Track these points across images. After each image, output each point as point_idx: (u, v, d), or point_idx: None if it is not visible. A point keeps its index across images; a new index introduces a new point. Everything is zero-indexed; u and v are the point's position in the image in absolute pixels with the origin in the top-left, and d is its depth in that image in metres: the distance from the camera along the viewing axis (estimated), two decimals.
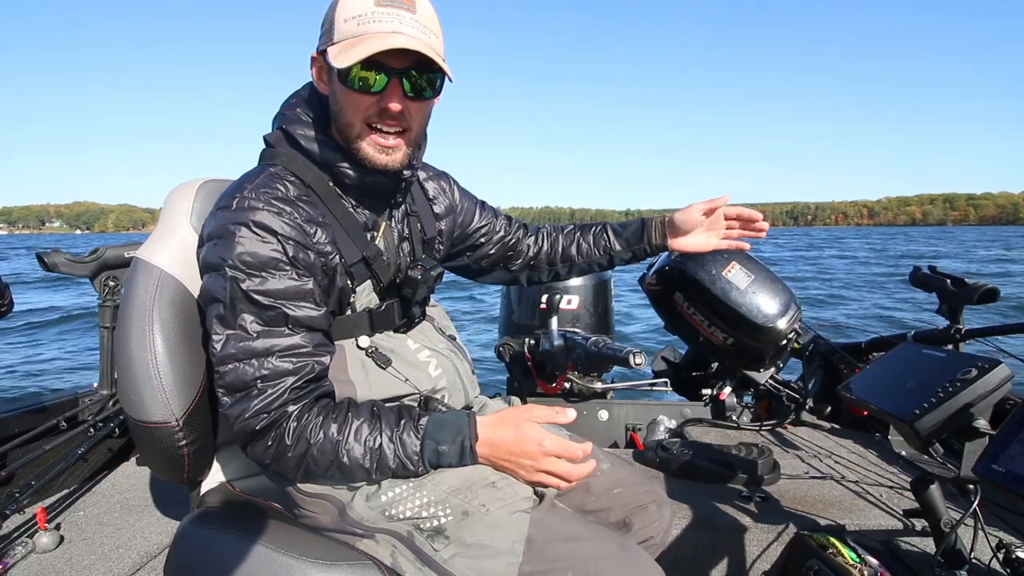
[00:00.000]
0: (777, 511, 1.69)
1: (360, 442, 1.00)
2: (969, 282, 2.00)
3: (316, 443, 0.98)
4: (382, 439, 1.01)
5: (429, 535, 1.01)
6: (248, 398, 0.97)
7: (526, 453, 1.03)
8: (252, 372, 0.97)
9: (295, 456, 0.99)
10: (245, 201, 1.01)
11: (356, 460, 0.99)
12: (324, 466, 1.00)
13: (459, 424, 1.04)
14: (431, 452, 1.01)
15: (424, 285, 1.17)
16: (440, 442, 1.02)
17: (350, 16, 1.01)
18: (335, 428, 1.00)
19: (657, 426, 2.47)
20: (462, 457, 1.02)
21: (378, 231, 1.19)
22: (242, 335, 0.98)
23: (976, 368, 1.07)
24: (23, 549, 1.53)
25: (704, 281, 2.09)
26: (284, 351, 0.99)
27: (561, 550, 0.99)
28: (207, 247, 1.03)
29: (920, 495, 1.21)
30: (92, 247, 2.26)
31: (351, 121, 1.06)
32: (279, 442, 0.98)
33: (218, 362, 0.99)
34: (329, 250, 1.07)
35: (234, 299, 0.98)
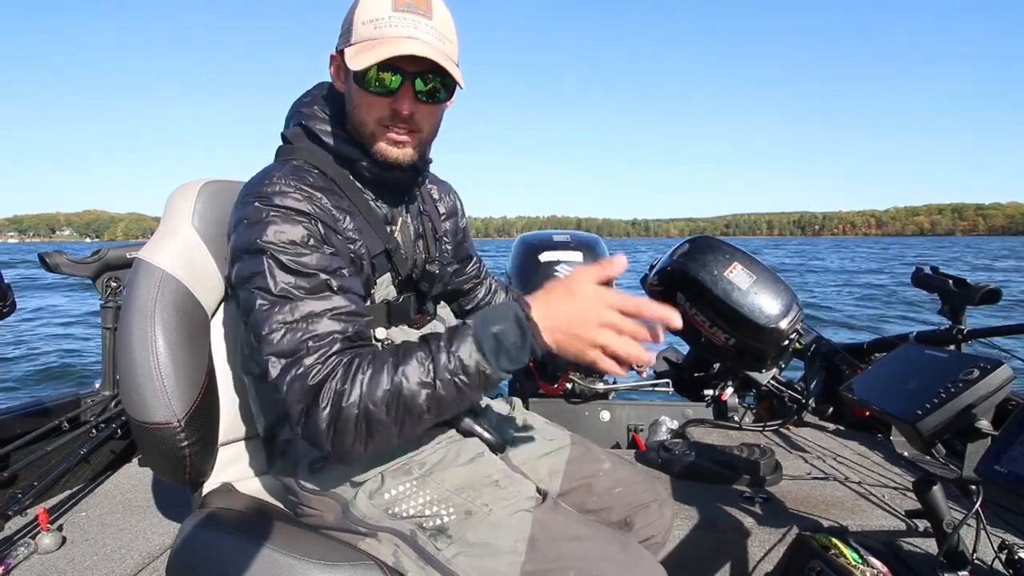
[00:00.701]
0: (779, 512, 1.69)
1: (413, 360, 0.92)
2: (971, 283, 2.00)
3: (367, 379, 0.91)
4: (432, 348, 0.93)
5: (432, 534, 1.02)
6: (299, 360, 0.93)
7: (588, 309, 0.91)
8: (301, 335, 0.94)
9: (352, 404, 0.91)
10: (275, 186, 1.02)
11: (415, 381, 0.91)
12: (383, 404, 0.91)
13: (507, 303, 0.95)
14: (489, 339, 0.91)
15: (440, 280, 1.20)
16: (493, 324, 0.92)
17: (368, 19, 1.02)
18: (384, 358, 0.93)
19: (659, 427, 2.47)
20: (522, 331, 0.91)
21: (396, 225, 1.21)
22: (287, 299, 0.96)
23: (978, 369, 1.07)
24: (25, 550, 1.53)
25: (706, 282, 2.09)
26: (332, 311, 0.97)
27: (563, 549, 1.00)
28: (238, 231, 1.01)
29: (922, 496, 1.21)
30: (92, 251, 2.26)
31: (364, 120, 1.09)
32: (332, 398, 0.91)
33: (267, 330, 0.95)
34: (356, 237, 1.09)
35: (273, 269, 0.97)
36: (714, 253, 2.13)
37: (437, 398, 0.92)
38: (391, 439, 0.95)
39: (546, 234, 2.89)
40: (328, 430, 0.92)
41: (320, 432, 0.92)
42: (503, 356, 0.92)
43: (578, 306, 0.91)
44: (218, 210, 1.23)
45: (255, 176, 1.08)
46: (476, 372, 0.92)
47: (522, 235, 2.99)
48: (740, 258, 2.11)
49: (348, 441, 0.93)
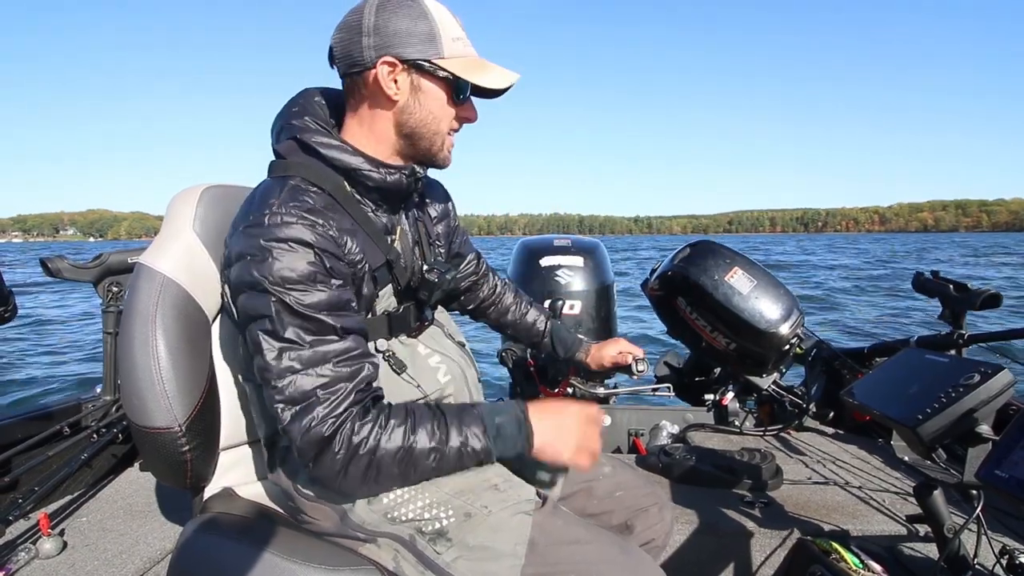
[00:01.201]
0: (780, 516, 1.69)
1: (427, 427, 1.00)
2: (972, 287, 2.00)
3: (384, 436, 0.97)
4: (447, 421, 1.02)
5: (431, 538, 1.02)
6: (310, 408, 0.95)
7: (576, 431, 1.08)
8: (311, 381, 0.95)
9: (365, 457, 0.96)
10: (277, 216, 0.99)
11: (426, 447, 0.99)
12: (393, 460, 0.98)
13: (508, 403, 1.08)
14: (493, 427, 1.03)
15: (439, 288, 1.19)
16: (498, 415, 1.04)
17: (454, 36, 1.08)
18: (400, 422, 1.00)
19: (660, 431, 2.47)
20: (519, 427, 1.04)
21: (395, 234, 1.20)
22: (295, 346, 0.96)
23: (979, 373, 1.07)
24: (26, 555, 1.53)
25: (707, 286, 2.09)
26: (339, 356, 0.98)
27: (563, 553, 1.00)
28: (240, 266, 1.00)
29: (923, 500, 1.21)
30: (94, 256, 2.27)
31: (438, 129, 1.13)
32: (347, 446, 0.95)
33: (275, 376, 0.96)
34: (359, 258, 1.08)
35: (280, 313, 0.96)
36: (715, 258, 2.14)
37: (440, 462, 1.01)
38: (393, 487, 1.05)
39: (547, 239, 2.90)
40: (340, 474, 0.97)
41: (332, 474, 0.98)
42: (500, 441, 1.03)
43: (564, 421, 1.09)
44: (220, 215, 1.22)
45: (254, 201, 1.04)
46: (482, 448, 1.02)
47: (523, 240, 2.99)
48: (741, 263, 2.11)
49: (355, 484, 1.00)
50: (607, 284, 2.78)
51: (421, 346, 1.21)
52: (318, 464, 0.96)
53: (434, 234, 1.35)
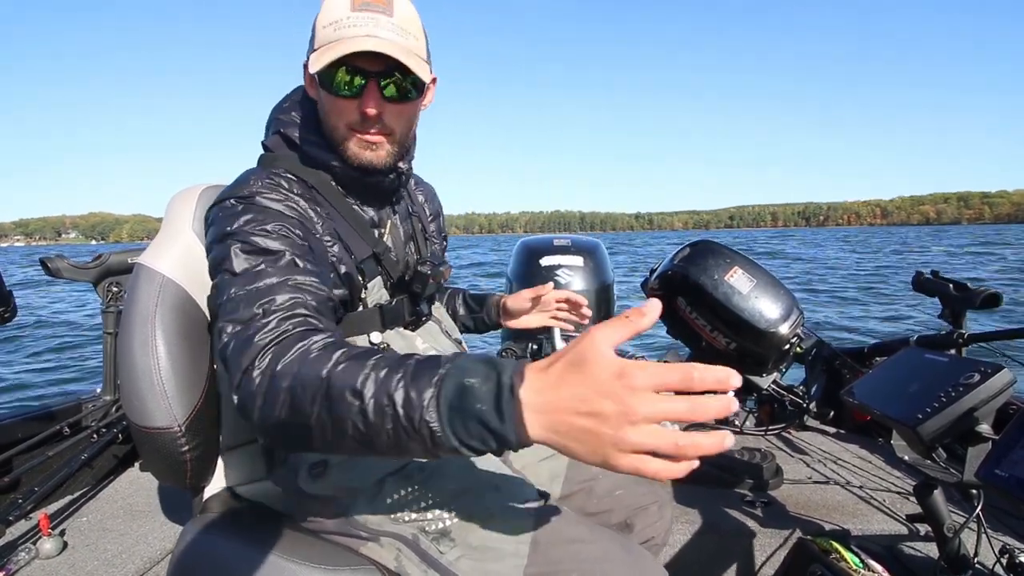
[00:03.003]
0: (780, 515, 1.69)
1: (363, 363, 0.74)
2: (971, 287, 2.00)
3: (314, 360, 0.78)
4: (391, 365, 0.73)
5: (434, 537, 1.02)
6: (252, 325, 0.87)
7: (606, 393, 0.60)
8: (257, 302, 0.89)
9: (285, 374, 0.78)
10: (251, 187, 1.03)
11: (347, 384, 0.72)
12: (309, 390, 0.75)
13: (499, 360, 0.68)
14: (453, 389, 0.67)
15: (433, 281, 1.20)
16: (469, 374, 0.67)
17: (328, 22, 1.03)
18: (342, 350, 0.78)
19: None
20: (498, 399, 0.64)
21: (385, 228, 1.22)
22: (251, 272, 0.93)
23: (979, 373, 1.07)
24: (27, 555, 1.53)
25: (706, 286, 2.09)
26: (295, 284, 0.93)
27: (566, 551, 1.00)
28: (211, 229, 1.02)
29: (923, 500, 1.21)
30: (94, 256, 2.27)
31: (335, 124, 1.09)
32: (273, 357, 0.81)
33: (225, 298, 0.92)
34: (332, 242, 1.09)
35: (238, 252, 0.95)
36: (715, 257, 2.14)
37: (365, 420, 0.71)
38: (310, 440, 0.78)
39: (547, 238, 2.90)
40: (257, 396, 0.80)
41: (251, 396, 0.81)
42: (459, 421, 0.66)
43: (594, 386, 0.61)
44: None
45: (233, 181, 1.08)
46: (418, 420, 0.68)
47: (522, 239, 2.99)
48: (741, 262, 2.11)
49: (273, 414, 0.79)
50: (607, 283, 2.79)
51: (419, 340, 1.22)
52: (243, 386, 0.82)
53: (429, 230, 1.38)
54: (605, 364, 0.60)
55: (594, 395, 0.60)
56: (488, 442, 0.66)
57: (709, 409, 0.60)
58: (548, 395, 0.63)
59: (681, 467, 0.62)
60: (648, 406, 0.59)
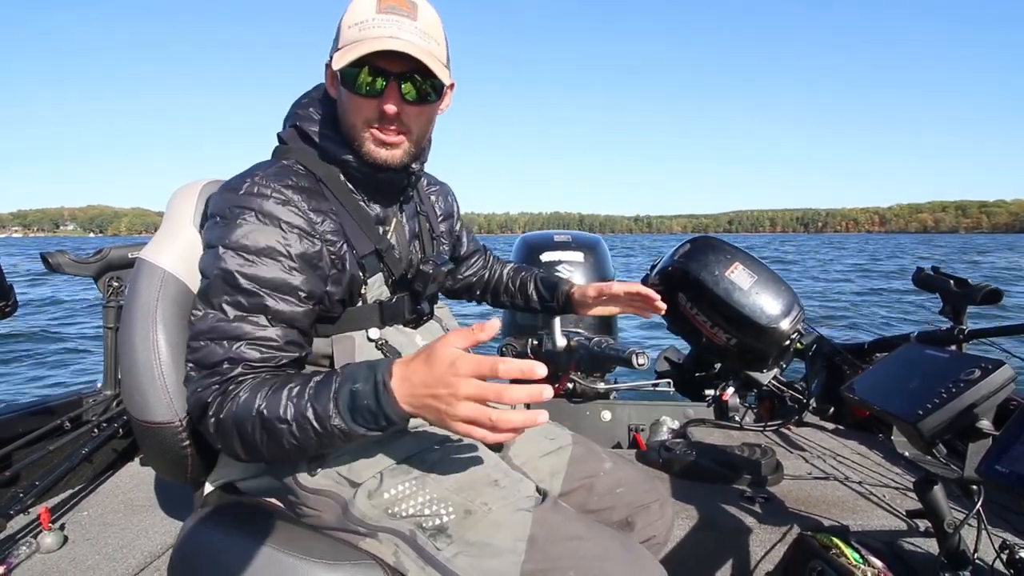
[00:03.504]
0: (780, 511, 1.69)
1: (281, 395, 0.93)
2: (972, 283, 2.00)
3: (239, 401, 0.95)
4: (299, 390, 0.93)
5: (432, 534, 1.02)
6: (210, 376, 0.98)
7: (439, 380, 0.84)
8: (221, 353, 0.98)
9: (227, 419, 0.96)
10: (255, 187, 1.04)
11: (274, 416, 0.92)
12: (248, 426, 0.94)
13: (375, 363, 0.92)
14: (346, 396, 0.90)
15: (435, 280, 1.21)
16: (354, 380, 0.91)
17: (353, 22, 1.04)
18: (264, 389, 0.95)
19: (660, 426, 2.47)
20: (376, 393, 0.88)
21: (390, 226, 1.23)
22: (220, 316, 1.00)
23: (979, 369, 1.07)
24: (27, 549, 1.53)
25: (707, 282, 2.09)
26: (255, 340, 1.00)
27: (564, 549, 1.00)
28: (208, 224, 1.06)
29: (923, 496, 1.21)
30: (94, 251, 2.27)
31: (354, 122, 1.10)
32: (216, 413, 0.97)
33: (192, 337, 1.01)
34: (335, 238, 1.10)
35: (219, 279, 1.00)
36: (715, 253, 2.13)
37: (295, 436, 0.93)
38: (264, 456, 0.99)
39: (547, 234, 2.90)
40: (215, 435, 0.99)
41: (211, 436, 1.00)
42: (358, 415, 0.90)
43: (434, 374, 0.85)
44: None
45: (242, 171, 1.10)
46: (330, 426, 0.91)
47: (523, 235, 2.99)
48: (741, 258, 2.11)
49: (233, 448, 0.99)
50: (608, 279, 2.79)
51: (419, 338, 1.23)
52: (202, 426, 1.00)
53: (438, 231, 1.38)
54: (443, 357, 0.84)
55: (434, 380, 0.85)
56: (380, 422, 0.90)
57: (515, 394, 0.84)
58: (407, 382, 0.88)
59: (499, 436, 0.85)
60: (467, 388, 0.83)
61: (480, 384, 0.83)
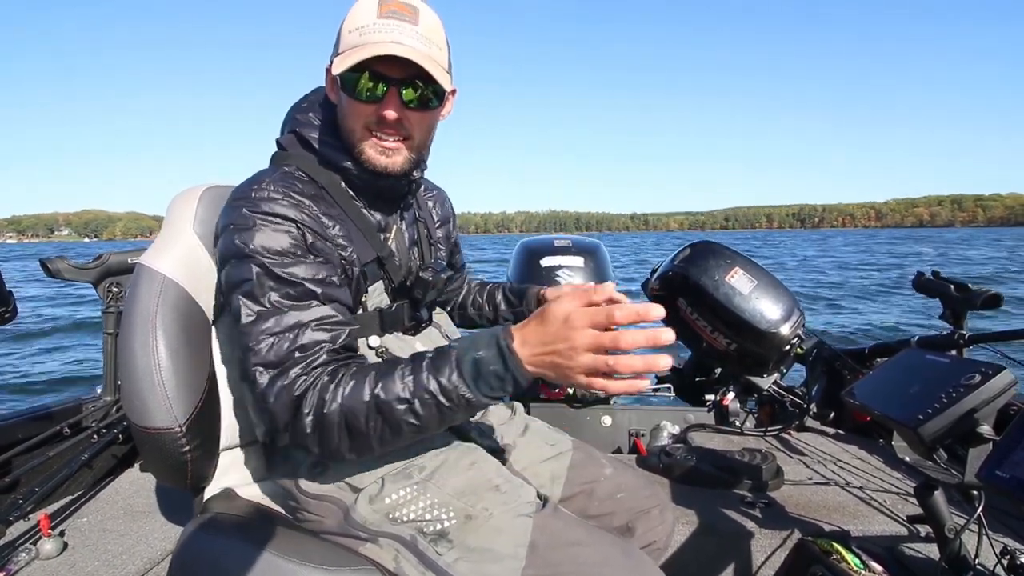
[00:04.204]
0: (781, 516, 1.69)
1: (394, 376, 0.93)
2: (972, 287, 2.00)
3: (349, 389, 0.93)
4: (415, 367, 0.93)
5: (432, 539, 1.02)
6: (285, 371, 0.95)
7: (557, 336, 0.85)
8: (288, 345, 0.96)
9: (334, 411, 0.93)
10: (264, 192, 1.03)
11: (394, 397, 0.92)
12: (362, 415, 0.93)
13: (491, 330, 0.93)
14: (470, 365, 0.90)
15: (434, 287, 1.20)
16: (475, 349, 0.91)
17: (354, 27, 1.04)
18: (365, 374, 0.95)
19: (660, 431, 2.46)
20: (503, 358, 0.89)
21: (390, 233, 1.22)
22: (274, 310, 0.98)
23: (980, 374, 1.07)
24: (27, 555, 1.53)
25: (707, 287, 2.08)
26: (318, 321, 0.99)
27: (564, 555, 0.99)
28: (225, 236, 1.04)
29: (924, 501, 1.20)
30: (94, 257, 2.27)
31: (353, 127, 1.10)
32: (317, 400, 0.94)
33: (253, 339, 0.97)
34: (345, 244, 1.10)
35: (261, 277, 0.99)
36: (716, 258, 2.13)
37: (416, 415, 0.93)
38: (372, 448, 0.97)
39: (547, 239, 2.89)
40: (314, 434, 0.95)
41: (306, 437, 0.96)
42: (483, 383, 0.91)
43: (550, 332, 0.86)
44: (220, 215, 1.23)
45: (245, 180, 1.09)
46: (456, 396, 0.91)
47: (523, 240, 2.99)
48: (741, 263, 2.11)
49: (333, 444, 0.96)
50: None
51: (419, 344, 1.23)
52: (293, 428, 0.96)
53: (435, 237, 1.38)
54: (557, 314, 0.86)
55: (551, 337, 0.86)
56: (506, 386, 0.91)
57: (633, 337, 0.83)
58: (527, 344, 0.88)
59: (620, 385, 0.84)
60: (584, 339, 0.83)
61: (596, 333, 0.83)
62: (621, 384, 0.84)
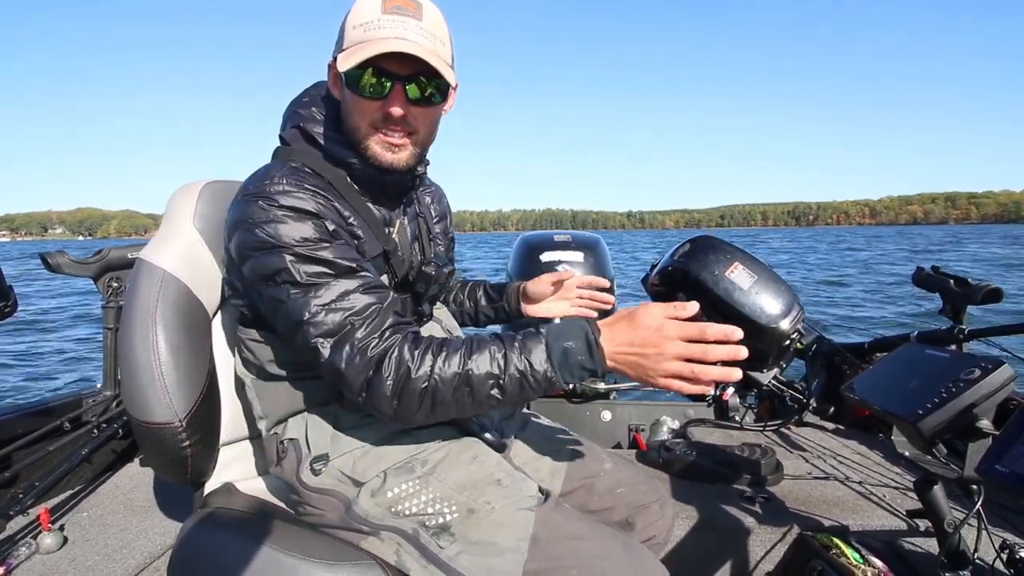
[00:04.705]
0: (780, 511, 1.69)
1: (486, 352, 0.96)
2: (972, 282, 1.99)
3: (440, 360, 0.96)
4: (506, 347, 0.97)
5: (435, 532, 1.02)
6: (350, 336, 0.97)
7: (647, 341, 0.93)
8: (342, 313, 0.97)
9: (421, 378, 0.95)
10: (278, 185, 1.02)
11: (484, 372, 0.95)
12: (451, 385, 0.95)
13: (579, 323, 0.98)
14: (559, 351, 0.95)
15: (436, 281, 1.22)
16: (565, 338, 0.96)
17: (358, 23, 1.03)
18: (457, 345, 0.98)
19: (660, 427, 2.47)
20: (590, 351, 0.95)
21: (393, 227, 1.22)
22: (319, 286, 0.98)
23: (979, 368, 1.07)
24: (27, 550, 1.53)
25: (707, 282, 2.08)
26: (363, 286, 1.00)
27: (566, 548, 1.00)
28: (243, 231, 1.02)
29: (923, 495, 1.21)
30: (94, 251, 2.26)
31: (358, 124, 1.09)
32: (399, 365, 0.96)
33: (306, 318, 0.97)
34: (361, 235, 1.11)
35: (295, 263, 0.98)
36: (715, 253, 2.13)
37: (502, 390, 0.96)
38: (449, 415, 1.00)
39: (547, 234, 2.89)
40: (393, 399, 0.96)
41: (385, 400, 0.97)
42: (567, 370, 0.96)
43: (641, 336, 0.93)
44: (220, 211, 1.22)
45: (254, 175, 1.07)
46: (543, 377, 0.95)
47: (523, 235, 2.99)
48: (741, 258, 2.11)
49: (412, 410, 0.98)
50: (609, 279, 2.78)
51: None
52: (371, 391, 0.97)
53: (434, 232, 1.38)
54: (650, 323, 0.93)
55: (641, 341, 0.93)
56: (585, 376, 0.97)
57: (718, 352, 0.92)
58: (613, 341, 0.95)
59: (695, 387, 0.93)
60: (675, 348, 0.91)
61: (688, 345, 0.92)
62: (695, 388, 0.93)
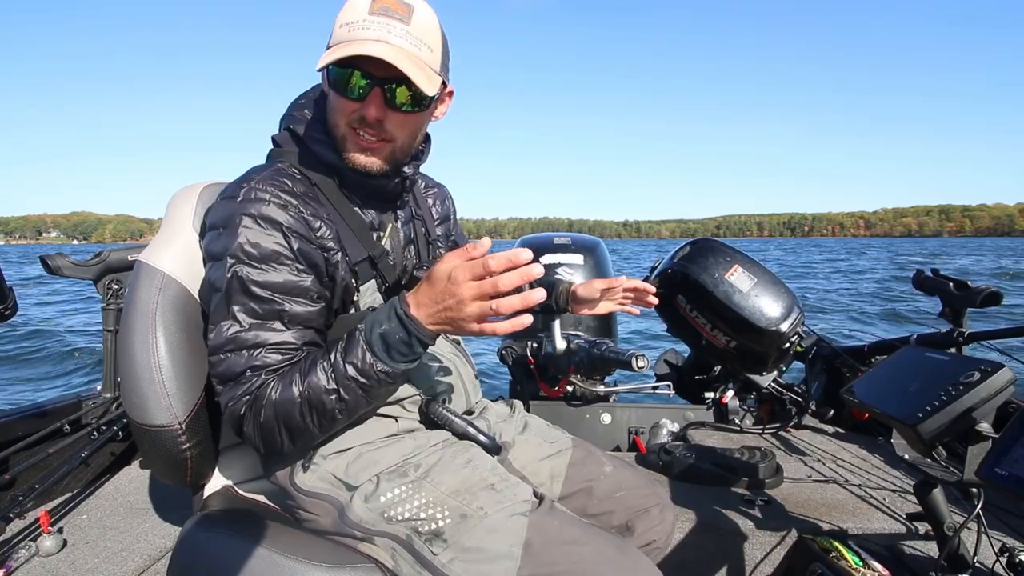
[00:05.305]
0: (780, 514, 1.69)
1: (318, 368, 0.99)
2: (972, 285, 1.99)
3: (280, 396, 0.99)
4: (333, 356, 0.99)
5: (427, 538, 1.01)
6: (236, 386, 1.01)
7: (444, 293, 0.93)
8: (242, 364, 1.00)
9: (271, 421, 1.00)
10: (252, 192, 1.03)
11: (321, 388, 0.98)
12: (296, 411, 0.99)
13: (390, 303, 1.00)
14: (377, 340, 0.97)
15: None
16: (379, 325, 0.98)
17: (345, 21, 1.02)
18: (291, 375, 1.00)
19: (660, 429, 2.46)
20: (403, 324, 0.96)
21: (384, 232, 1.21)
22: (236, 327, 1.01)
23: (979, 371, 1.06)
24: (27, 552, 1.53)
25: (707, 284, 2.09)
26: (275, 346, 1.02)
27: (560, 553, 0.99)
28: (210, 236, 1.05)
29: (923, 499, 1.20)
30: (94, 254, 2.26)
31: (337, 122, 1.09)
32: (255, 415, 1.00)
33: (211, 351, 1.03)
34: (332, 246, 1.09)
35: (231, 289, 1.01)
36: (715, 255, 2.13)
37: (344, 400, 0.99)
38: (315, 436, 1.05)
39: (547, 237, 2.89)
40: (257, 439, 1.03)
41: (253, 441, 1.04)
42: (394, 352, 0.98)
43: (438, 290, 0.94)
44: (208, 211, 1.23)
45: (237, 178, 1.09)
46: (374, 373, 0.98)
47: (523, 238, 2.99)
48: (741, 260, 2.11)
49: (276, 444, 1.03)
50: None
51: None
52: (242, 435, 1.04)
53: (434, 235, 1.36)
54: (441, 274, 0.93)
55: (440, 295, 0.93)
56: (415, 348, 0.99)
57: (510, 278, 0.89)
58: (421, 306, 0.96)
59: (505, 325, 0.93)
60: (468, 291, 0.91)
61: (477, 283, 0.91)
62: (506, 324, 0.94)
